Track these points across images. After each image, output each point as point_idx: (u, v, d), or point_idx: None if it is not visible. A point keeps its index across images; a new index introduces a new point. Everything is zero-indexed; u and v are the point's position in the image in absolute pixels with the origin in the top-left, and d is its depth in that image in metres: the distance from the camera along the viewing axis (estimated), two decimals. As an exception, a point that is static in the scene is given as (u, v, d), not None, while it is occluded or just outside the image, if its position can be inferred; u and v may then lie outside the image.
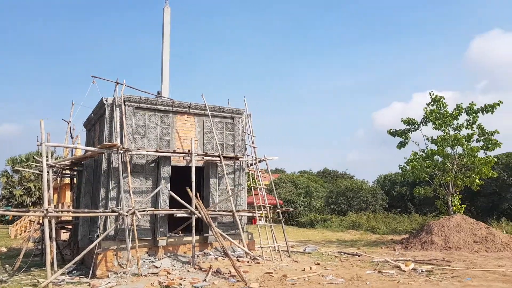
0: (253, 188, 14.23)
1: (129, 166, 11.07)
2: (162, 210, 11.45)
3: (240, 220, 12.59)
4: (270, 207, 13.73)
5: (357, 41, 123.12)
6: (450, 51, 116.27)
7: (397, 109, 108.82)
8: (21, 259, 10.58)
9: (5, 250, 16.44)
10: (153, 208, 11.48)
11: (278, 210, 14.04)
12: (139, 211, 10.65)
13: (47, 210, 9.70)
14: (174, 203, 11.81)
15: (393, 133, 20.02)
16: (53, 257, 9.94)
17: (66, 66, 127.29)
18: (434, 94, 19.14)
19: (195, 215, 11.41)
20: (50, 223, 9.99)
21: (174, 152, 11.92)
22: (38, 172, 16.91)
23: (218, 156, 12.51)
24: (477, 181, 17.72)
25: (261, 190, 13.96)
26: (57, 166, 12.93)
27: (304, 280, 9.38)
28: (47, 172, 10.48)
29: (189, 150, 12.10)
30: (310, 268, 10.93)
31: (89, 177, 12.75)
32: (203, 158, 12.51)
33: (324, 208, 39.49)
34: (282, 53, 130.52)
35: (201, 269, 10.49)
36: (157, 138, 12.17)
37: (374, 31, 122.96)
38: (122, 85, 12.34)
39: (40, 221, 13.78)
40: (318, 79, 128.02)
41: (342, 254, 14.36)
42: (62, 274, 9.85)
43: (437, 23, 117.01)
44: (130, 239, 10.41)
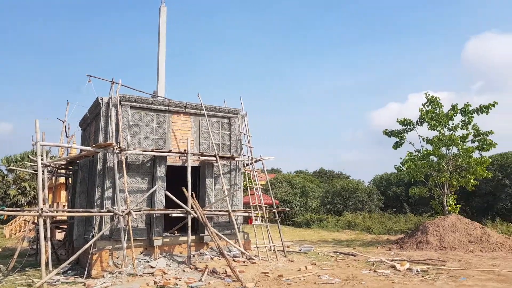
0: (249, 188, 14.22)
1: (124, 165, 11.04)
2: (157, 210, 11.42)
3: (236, 220, 12.58)
4: (266, 207, 13.73)
5: (354, 41, 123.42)
6: (445, 52, 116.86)
7: (393, 109, 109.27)
8: (15, 259, 10.52)
9: (-1, 250, 16.36)
10: (148, 208, 11.45)
11: (274, 210, 14.04)
12: (135, 211, 10.61)
13: (42, 209, 9.65)
14: (169, 203, 11.78)
15: (388, 133, 20.08)
16: (48, 257, 9.90)
17: (62, 66, 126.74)
18: (429, 94, 19.23)
19: (191, 215, 11.39)
20: (45, 223, 9.93)
21: (170, 151, 11.89)
22: (33, 171, 16.83)
23: (214, 156, 12.49)
24: (472, 181, 17.82)
25: (257, 190, 13.97)
26: (52, 165, 12.86)
27: (299, 280, 9.39)
28: (42, 171, 10.42)
29: (185, 150, 12.07)
30: (306, 268, 10.94)
31: (84, 176, 12.69)
32: (199, 157, 12.49)
33: (320, 208, 39.55)
34: (282, 53, 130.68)
35: (196, 269, 10.48)
36: (153, 138, 12.13)
37: (372, 32, 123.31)
38: (118, 84, 12.31)
39: (35, 220, 13.72)
40: (314, 79, 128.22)
41: (338, 254, 14.38)
42: (57, 274, 9.80)
43: (432, 24, 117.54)
44: (126, 239, 10.37)
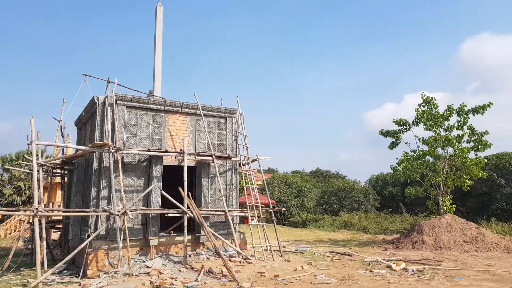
0: (245, 187, 14.22)
1: (120, 165, 11.00)
2: (153, 209, 11.40)
3: (232, 219, 12.58)
4: (262, 207, 13.74)
5: (351, 42, 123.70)
6: (441, 53, 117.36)
7: (389, 109, 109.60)
8: (10, 259, 10.44)
9: (-6, 249, 16.26)
10: (144, 207, 11.42)
11: (271, 210, 14.05)
12: (131, 211, 10.59)
13: (37, 209, 9.61)
14: (166, 203, 11.76)
15: (384, 133, 20.13)
16: (43, 256, 9.85)
17: (59, 65, 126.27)
18: (425, 95, 19.29)
19: (187, 215, 11.37)
20: (40, 223, 9.89)
21: (166, 151, 11.87)
22: (29, 171, 16.75)
23: (211, 155, 12.48)
24: (467, 181, 17.89)
25: (253, 190, 13.96)
26: (47, 165, 12.81)
27: (296, 279, 9.40)
28: (38, 171, 10.37)
29: (181, 150, 12.05)
30: (302, 267, 10.95)
31: (80, 176, 12.65)
32: (195, 157, 12.48)
33: (316, 208, 39.62)
34: (280, 53, 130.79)
35: (193, 268, 10.46)
36: (149, 137, 12.11)
37: (370, 32, 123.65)
38: (114, 83, 12.26)
39: (30, 220, 13.65)
40: (311, 79, 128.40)
41: (334, 253, 14.41)
42: (53, 273, 9.77)
43: (429, 25, 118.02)
44: (122, 239, 10.35)
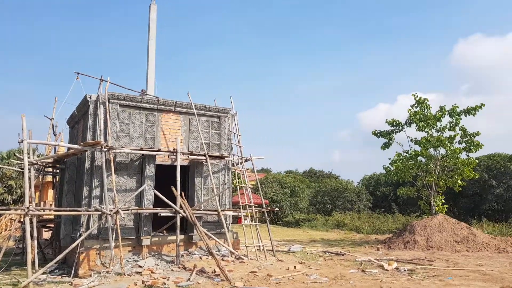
0: (238, 187, 14.21)
1: (113, 164, 10.94)
2: (146, 209, 11.35)
3: (225, 219, 12.56)
4: (255, 207, 13.74)
5: (345, 42, 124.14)
6: (434, 54, 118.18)
7: (382, 110, 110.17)
8: (1, 258, 10.33)
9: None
10: (137, 207, 11.37)
11: (264, 210, 14.05)
12: (123, 210, 10.54)
13: (29, 208, 9.52)
14: (158, 202, 11.71)
15: (377, 134, 20.23)
16: (34, 256, 9.77)
17: (50, 63, 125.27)
18: (418, 96, 19.42)
19: (180, 214, 11.34)
20: (31, 222, 9.80)
21: (159, 150, 11.82)
22: (20, 169, 16.60)
23: (204, 155, 12.45)
24: (459, 182, 18.04)
25: (246, 190, 13.96)
26: (39, 163, 12.69)
27: (288, 279, 9.41)
28: (29, 169, 10.28)
29: (174, 149, 12.01)
30: (295, 267, 10.96)
31: (72, 175, 12.56)
32: (189, 157, 12.44)
33: (309, 207, 39.73)
34: (275, 53, 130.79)
35: (185, 268, 10.43)
36: (141, 136, 12.05)
37: (364, 33, 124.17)
38: (107, 82, 12.20)
39: (21, 219, 13.54)
40: (306, 79, 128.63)
41: (327, 253, 14.45)
42: (44, 273, 9.69)
43: (421, 26, 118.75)
44: (114, 238, 10.28)
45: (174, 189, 11.53)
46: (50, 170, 14.49)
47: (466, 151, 18.27)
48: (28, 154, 10.23)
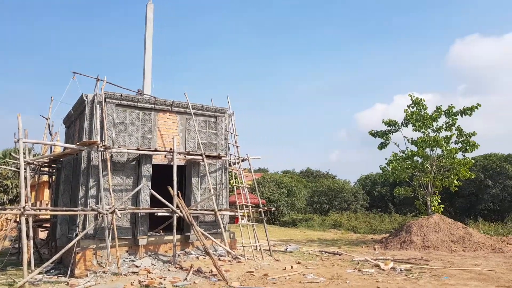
0: (235, 187, 14.20)
1: (109, 164, 10.91)
2: (142, 208, 11.33)
3: (222, 219, 12.55)
4: (252, 207, 13.72)
5: (343, 42, 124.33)
6: (431, 54, 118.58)
7: (379, 110, 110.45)
8: (-4, 258, 10.33)
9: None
10: (133, 206, 11.34)
11: (261, 210, 14.04)
12: (119, 210, 10.51)
13: (24, 208, 9.48)
14: (155, 202, 11.69)
15: (374, 134, 20.28)
16: (30, 256, 9.71)
17: (46, 62, 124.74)
18: (414, 96, 19.48)
19: (177, 214, 11.32)
20: (27, 221, 9.75)
21: (155, 150, 11.80)
22: (16, 169, 16.49)
23: (201, 154, 12.44)
24: (455, 182, 18.11)
25: (243, 190, 13.96)
26: (35, 163, 12.62)
27: (285, 279, 9.42)
28: (25, 169, 10.22)
29: (171, 149, 11.99)
30: (291, 267, 10.98)
31: (68, 174, 12.51)
32: (185, 156, 12.42)
33: (306, 207, 39.76)
34: (273, 53, 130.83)
35: (182, 268, 10.42)
36: (138, 136, 12.02)
37: (361, 33, 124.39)
38: (103, 81, 12.15)
39: (17, 219, 13.48)
40: (303, 79, 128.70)
41: (323, 253, 14.47)
42: (40, 273, 9.65)
43: (419, 27, 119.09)
44: (110, 238, 10.26)
45: (170, 189, 11.51)
46: (46, 169, 14.42)
47: (462, 151, 18.34)
48: (24, 153, 10.17)
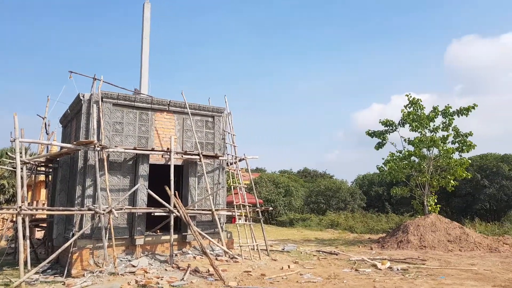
0: (232, 187, 14.20)
1: (106, 163, 10.89)
2: (140, 208, 11.31)
3: (219, 219, 12.55)
4: (249, 206, 13.73)
5: (340, 42, 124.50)
6: (428, 55, 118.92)
7: (376, 110, 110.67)
8: (-8, 258, 10.30)
9: (-24, 249, 15.94)
10: (130, 206, 11.32)
11: (258, 209, 14.04)
12: (116, 209, 10.49)
13: (21, 207, 9.45)
14: (152, 202, 11.67)
15: (371, 134, 20.31)
16: (26, 255, 9.69)
17: (43, 62, 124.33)
18: (411, 96, 19.52)
19: (174, 214, 11.31)
20: (23, 221, 9.73)
21: (152, 150, 11.78)
22: (12, 168, 16.44)
23: (198, 154, 12.42)
24: (452, 182, 18.16)
25: (241, 189, 13.95)
26: (31, 162, 12.59)
27: (282, 278, 9.42)
28: (21, 169, 10.20)
29: (168, 148, 11.98)
30: (289, 266, 10.98)
31: (64, 174, 12.47)
32: (182, 156, 12.41)
33: (303, 207, 39.80)
34: (270, 52, 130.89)
35: (179, 268, 10.41)
36: (135, 136, 12.00)
37: (359, 34, 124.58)
38: (100, 81, 12.12)
39: (13, 219, 13.42)
40: (300, 79, 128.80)
41: (320, 252, 14.49)
42: (36, 273, 9.62)
43: (416, 27, 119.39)
44: (107, 238, 10.23)
45: (167, 188, 11.50)
46: (43, 169, 14.40)
47: (459, 151, 18.39)
48: (20, 153, 10.14)
